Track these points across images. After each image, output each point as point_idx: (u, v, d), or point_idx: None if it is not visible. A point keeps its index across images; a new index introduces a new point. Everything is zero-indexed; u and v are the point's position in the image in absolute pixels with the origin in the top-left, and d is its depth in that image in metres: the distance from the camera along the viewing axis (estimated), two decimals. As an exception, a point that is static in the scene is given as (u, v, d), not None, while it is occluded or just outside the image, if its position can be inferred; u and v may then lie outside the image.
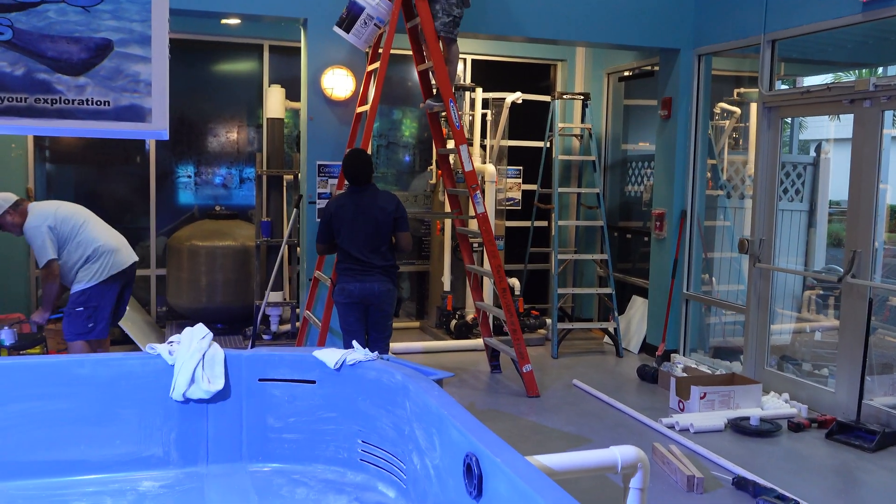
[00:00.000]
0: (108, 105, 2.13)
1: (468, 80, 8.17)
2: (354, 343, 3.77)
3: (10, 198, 5.11)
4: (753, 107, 7.58)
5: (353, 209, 4.90)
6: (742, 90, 8.03)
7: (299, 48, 6.50)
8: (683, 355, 6.99)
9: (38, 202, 5.36)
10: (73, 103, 2.11)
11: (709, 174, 7.32)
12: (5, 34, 2.06)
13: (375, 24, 5.64)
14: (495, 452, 2.26)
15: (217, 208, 7.60)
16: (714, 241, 7.48)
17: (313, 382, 3.52)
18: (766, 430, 5.17)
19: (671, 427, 5.20)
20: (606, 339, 7.72)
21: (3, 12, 2.05)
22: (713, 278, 7.45)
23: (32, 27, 2.08)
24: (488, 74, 8.32)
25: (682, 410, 5.55)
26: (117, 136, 2.19)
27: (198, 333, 3.57)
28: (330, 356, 3.53)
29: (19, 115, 2.08)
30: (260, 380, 3.54)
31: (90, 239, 5.15)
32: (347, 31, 5.63)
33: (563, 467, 2.43)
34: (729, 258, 7.47)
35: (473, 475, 2.33)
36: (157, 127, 2.16)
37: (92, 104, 2.12)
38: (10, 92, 2.08)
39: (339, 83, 6.12)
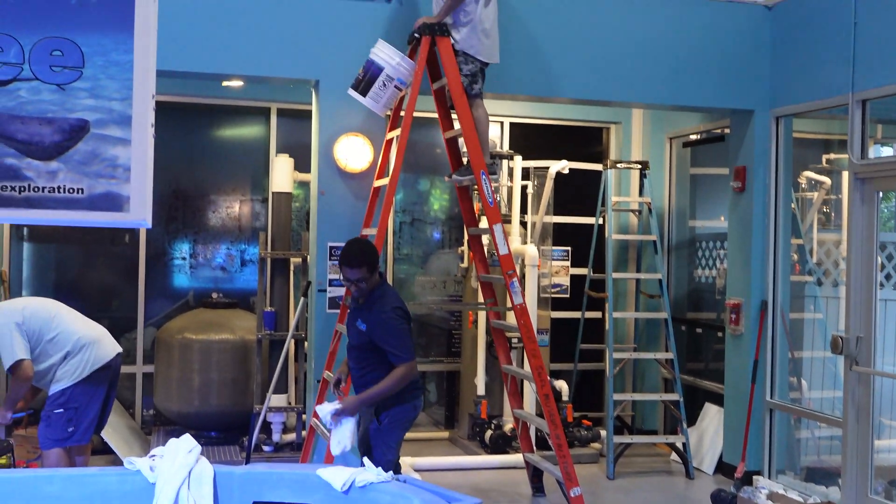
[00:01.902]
0: (82, 193, 2.26)
1: (505, 147, 8.33)
2: (365, 460, 3.79)
3: None
4: (847, 175, 7.60)
5: None
6: (832, 156, 8.06)
7: (311, 111, 6.71)
8: (768, 478, 6.84)
9: (2, 302, 5.55)
10: (43, 191, 2.24)
11: (795, 256, 7.30)
12: (-29, 116, 2.21)
13: (396, 86, 5.84)
14: None
15: (214, 295, 7.75)
16: (803, 338, 7.40)
17: (316, 508, 3.52)
18: (869, 572, 5.01)
19: (751, 567, 5.07)
20: (674, 455, 7.59)
21: (-30, 92, 2.22)
22: (803, 382, 7.34)
23: (2, 108, 2.23)
24: (529, 140, 8.48)
25: (766, 546, 5.41)
26: (92, 225, 2.31)
27: (184, 446, 3.62)
28: (337, 476, 3.54)
29: (-17, 203, 2.22)
30: (254, 503, 3.55)
31: (68, 332, 5.30)
32: (364, 94, 5.83)
33: None
34: (822, 358, 7.36)
35: None
36: (136, 217, 2.27)
37: (64, 192, 2.25)
38: (-26, 178, 2.22)
39: (354, 153, 6.28)
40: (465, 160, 6.24)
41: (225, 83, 7.45)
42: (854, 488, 6.07)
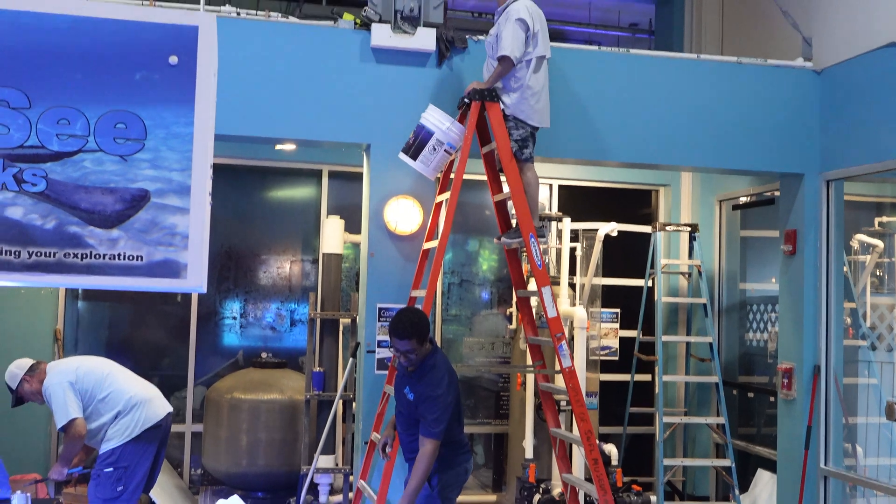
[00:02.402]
0: (141, 260, 2.32)
1: (554, 209, 8.35)
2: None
3: (25, 364, 5.40)
4: (900, 239, 7.50)
5: None
6: (885, 219, 7.95)
7: (362, 173, 6.80)
8: (824, 548, 6.64)
9: (57, 360, 5.65)
10: (103, 258, 2.31)
11: (847, 320, 7.16)
12: (38, 185, 2.30)
13: (446, 150, 5.90)
14: None
15: (263, 355, 7.80)
16: (857, 403, 7.22)
17: (360, 575, 3.50)
18: None
19: None
20: (726, 522, 7.42)
21: (38, 163, 2.30)
22: (858, 449, 7.14)
23: (67, 178, 2.32)
24: (578, 202, 8.49)
25: None
26: (150, 290, 2.37)
27: (230, 509, 3.64)
28: (382, 541, 3.53)
29: (47, 270, 2.29)
30: (299, 568, 3.54)
31: (119, 392, 5.38)
32: (414, 158, 5.90)
33: None
34: (877, 424, 7.18)
35: None
36: (192, 284, 2.33)
37: (124, 259, 2.32)
38: (39, 246, 2.30)
39: (404, 215, 6.33)
40: (513, 223, 6.26)
41: (278, 146, 7.60)
42: (915, 562, 5.85)
